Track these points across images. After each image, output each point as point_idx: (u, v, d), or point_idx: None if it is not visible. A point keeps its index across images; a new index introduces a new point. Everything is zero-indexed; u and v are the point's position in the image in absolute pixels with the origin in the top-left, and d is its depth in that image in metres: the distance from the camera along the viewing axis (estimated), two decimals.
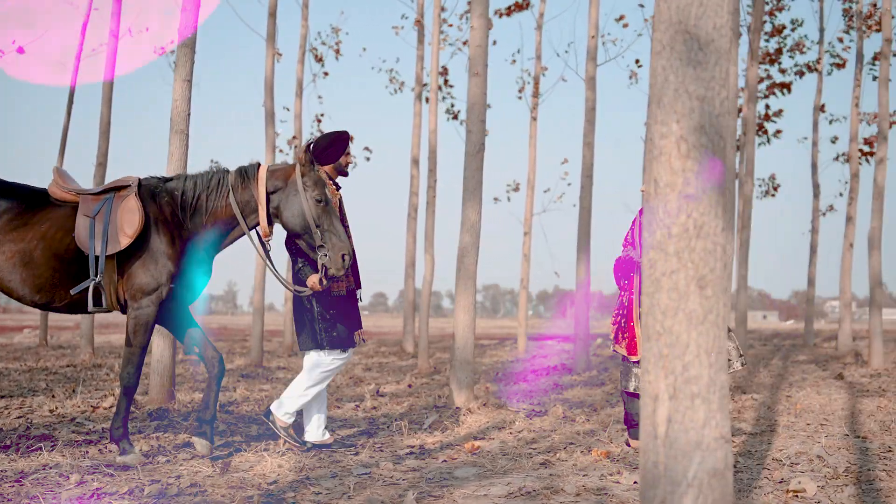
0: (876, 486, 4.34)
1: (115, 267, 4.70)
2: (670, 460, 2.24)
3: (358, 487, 4.19)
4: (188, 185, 4.86)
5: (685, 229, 2.25)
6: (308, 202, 4.80)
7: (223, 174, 4.90)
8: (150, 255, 4.71)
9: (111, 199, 4.74)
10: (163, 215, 4.78)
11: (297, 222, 4.82)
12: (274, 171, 4.91)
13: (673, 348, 2.26)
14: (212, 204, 4.83)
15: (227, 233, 4.91)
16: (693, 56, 2.26)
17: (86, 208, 4.72)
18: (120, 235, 4.64)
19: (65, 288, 4.68)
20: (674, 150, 2.27)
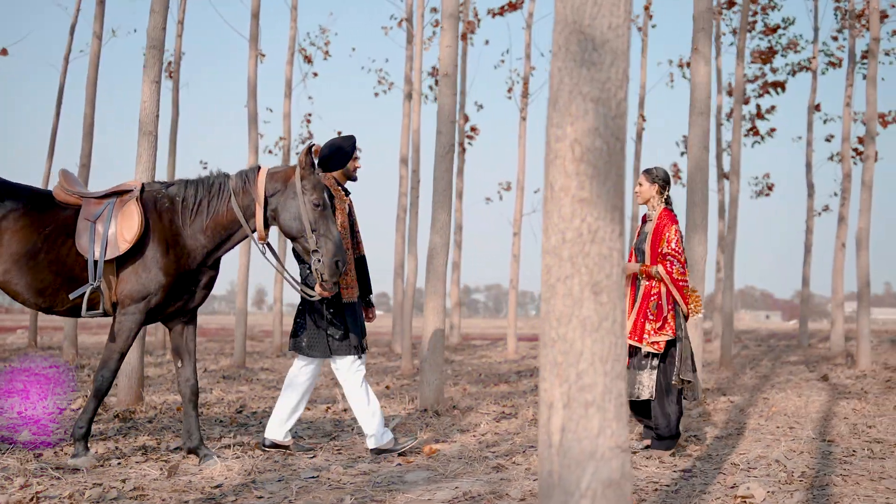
0: (828, 491, 4.28)
1: (114, 271, 4.67)
2: (564, 470, 2.20)
3: (302, 492, 4.16)
4: (189, 191, 4.81)
5: (579, 234, 2.20)
6: (305, 205, 4.74)
7: (224, 178, 4.86)
8: (143, 263, 4.66)
9: (113, 203, 4.71)
10: (161, 222, 4.74)
11: (293, 225, 4.78)
12: (274, 173, 4.86)
13: (567, 356, 2.21)
14: (213, 208, 4.78)
15: (230, 237, 4.85)
16: (587, 57, 2.22)
17: (87, 212, 4.69)
18: (119, 241, 4.60)
19: (66, 292, 4.66)
20: (568, 153, 2.22)
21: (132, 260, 4.67)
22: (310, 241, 4.72)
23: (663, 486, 4.37)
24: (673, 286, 5.40)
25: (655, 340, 5.38)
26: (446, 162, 7.00)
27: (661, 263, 5.42)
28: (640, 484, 4.40)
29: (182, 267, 4.74)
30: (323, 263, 4.71)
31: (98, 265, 4.59)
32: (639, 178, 5.71)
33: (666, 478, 4.58)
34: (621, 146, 2.25)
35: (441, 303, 7.02)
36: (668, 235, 5.44)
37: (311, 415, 7.01)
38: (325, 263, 4.70)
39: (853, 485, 4.43)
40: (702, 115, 7.21)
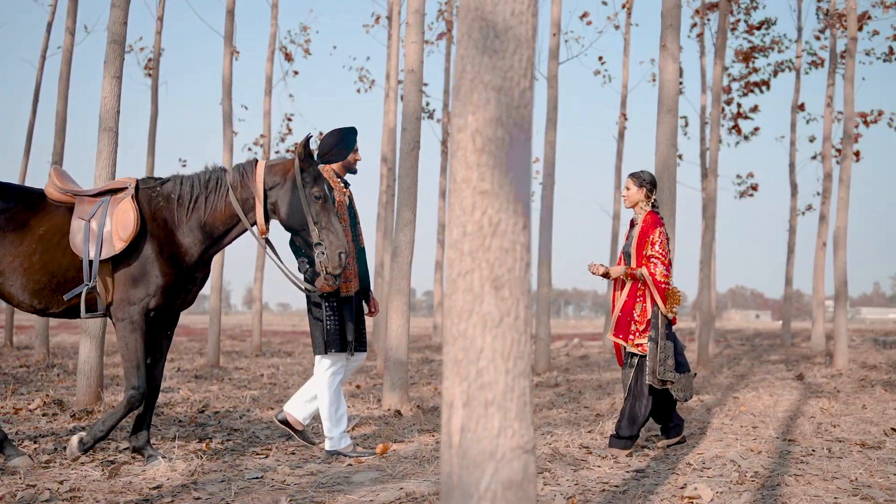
0: (778, 491, 4.22)
1: (109, 271, 4.54)
2: (463, 471, 2.13)
3: (242, 492, 4.08)
4: (185, 187, 4.71)
5: (480, 227, 2.13)
6: (307, 198, 4.67)
7: (221, 173, 4.76)
8: (139, 264, 4.55)
9: (107, 201, 4.59)
10: (156, 220, 4.63)
11: (294, 218, 4.69)
12: (272, 166, 4.78)
13: (467, 353, 2.14)
14: (211, 204, 4.68)
15: (228, 232, 4.76)
16: (489, 44, 2.15)
17: (81, 211, 4.56)
18: (115, 239, 4.48)
19: (61, 293, 4.53)
20: (469, 143, 2.15)
21: (127, 262, 4.54)
22: (312, 233, 4.65)
23: (612, 486, 4.31)
24: (654, 287, 5.40)
25: (640, 342, 5.40)
26: (411, 159, 6.93)
27: (644, 266, 5.44)
28: (589, 485, 4.33)
29: (179, 266, 4.63)
30: (327, 256, 4.63)
31: (93, 265, 4.47)
32: (625, 182, 5.69)
33: (617, 478, 4.51)
34: (526, 136, 2.18)
35: (405, 301, 6.95)
36: (652, 238, 5.44)
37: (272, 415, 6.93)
38: (328, 256, 4.63)
39: (804, 485, 4.38)
40: (669, 112, 7.15)
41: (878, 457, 5.18)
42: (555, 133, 11.30)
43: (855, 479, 4.51)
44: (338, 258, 4.64)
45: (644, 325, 5.39)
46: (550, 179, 11.31)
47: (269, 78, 14.83)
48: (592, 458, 5.04)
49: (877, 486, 4.39)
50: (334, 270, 4.66)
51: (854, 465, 4.88)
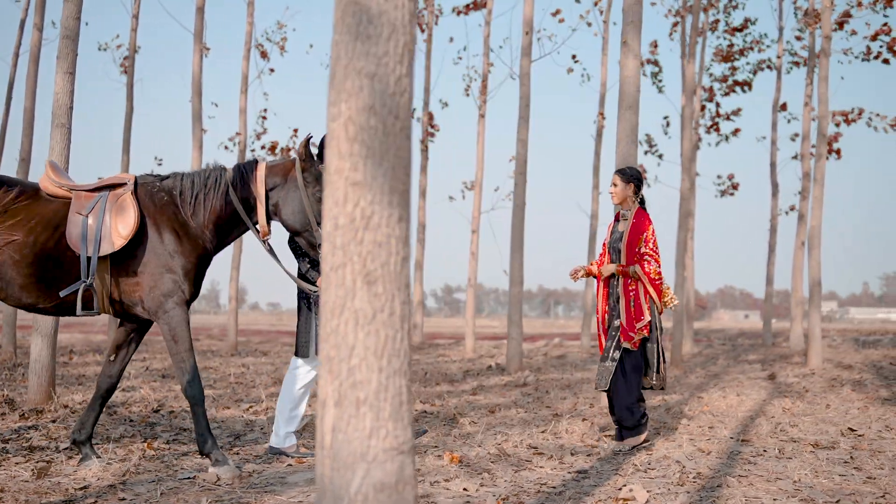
0: (717, 492, 4.16)
1: (107, 268, 4.43)
2: (335, 472, 2.05)
3: (170, 493, 4.00)
4: (186, 184, 4.61)
5: (352, 219, 2.06)
6: (309, 199, 4.59)
7: (220, 171, 4.66)
8: (159, 257, 4.44)
9: (106, 196, 4.48)
10: (164, 214, 4.52)
11: (297, 219, 4.62)
12: (273, 167, 4.69)
13: (339, 350, 2.06)
14: (210, 202, 4.59)
15: (229, 232, 4.68)
16: (363, 29, 2.07)
17: (78, 205, 4.44)
18: (114, 236, 4.37)
19: (54, 289, 4.39)
20: (342, 133, 2.07)
21: (142, 257, 4.43)
22: (315, 234, 4.59)
23: (549, 487, 4.24)
24: (650, 285, 5.41)
25: (636, 339, 5.42)
26: None
27: (638, 263, 5.41)
28: (527, 486, 4.26)
29: (200, 250, 4.55)
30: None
31: (91, 261, 4.35)
32: (612, 179, 5.68)
33: (557, 479, 4.44)
34: (401, 125, 2.10)
35: None
36: (645, 235, 5.44)
37: (229, 413, 6.84)
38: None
39: (746, 486, 4.32)
40: (630, 109, 7.09)
41: (828, 457, 5.12)
42: (527, 131, 11.23)
43: (798, 480, 4.45)
44: None
45: (643, 324, 5.40)
46: (522, 178, 11.24)
47: (245, 76, 14.73)
48: (538, 459, 4.97)
49: (820, 487, 4.34)
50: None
51: (802, 465, 4.83)
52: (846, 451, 5.36)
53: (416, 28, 2.15)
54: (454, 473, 4.49)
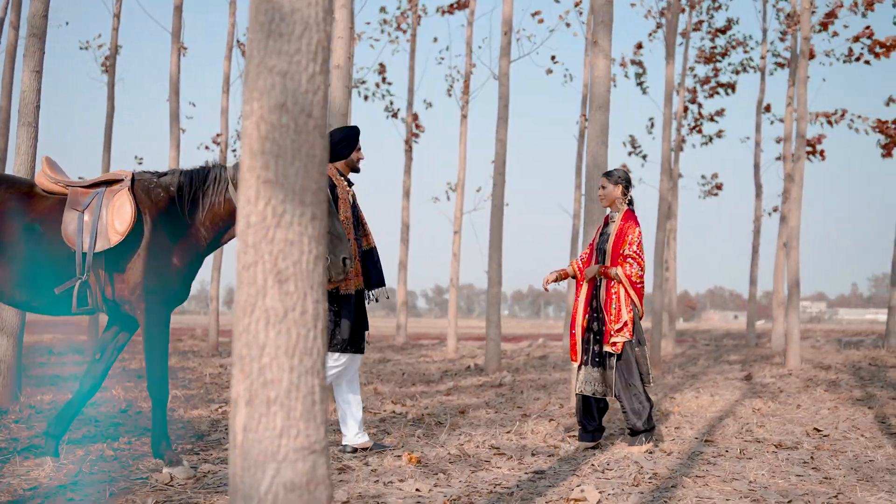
0: (670, 493, 4.16)
1: (103, 265, 4.38)
2: (245, 472, 2.04)
3: (121, 494, 3.98)
4: (184, 180, 4.55)
5: (263, 218, 2.04)
6: None
7: (220, 169, 4.61)
8: (150, 253, 4.38)
9: (102, 192, 4.43)
10: (159, 211, 4.47)
11: None
12: None
13: (250, 349, 2.05)
14: (209, 199, 4.53)
15: (226, 230, 4.62)
16: (275, 27, 2.05)
17: (74, 202, 4.39)
18: (110, 232, 4.32)
19: (48, 286, 4.33)
20: (254, 131, 2.06)
21: (134, 253, 4.38)
22: None
23: (503, 488, 4.23)
24: (631, 288, 5.40)
25: (615, 341, 5.39)
26: None
27: (620, 265, 5.40)
28: (481, 486, 4.25)
29: (192, 249, 4.50)
30: (330, 261, 4.54)
31: (87, 258, 4.30)
32: (600, 182, 5.66)
33: (513, 480, 4.44)
34: (314, 123, 2.09)
35: None
36: (630, 238, 5.42)
37: (197, 413, 6.82)
38: (332, 262, 4.53)
39: (701, 486, 4.32)
40: (600, 109, 7.09)
41: (788, 458, 5.13)
42: (506, 131, 11.23)
43: (754, 481, 4.46)
44: (342, 263, 4.56)
45: (619, 325, 5.38)
46: (501, 178, 11.24)
47: (227, 76, 14.70)
48: (497, 459, 4.96)
49: (774, 487, 4.34)
50: (338, 276, 4.58)
51: (761, 466, 4.83)
52: (808, 452, 5.37)
53: (333, 26, 2.14)
54: (410, 474, 4.48)
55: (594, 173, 7.13)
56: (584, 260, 5.77)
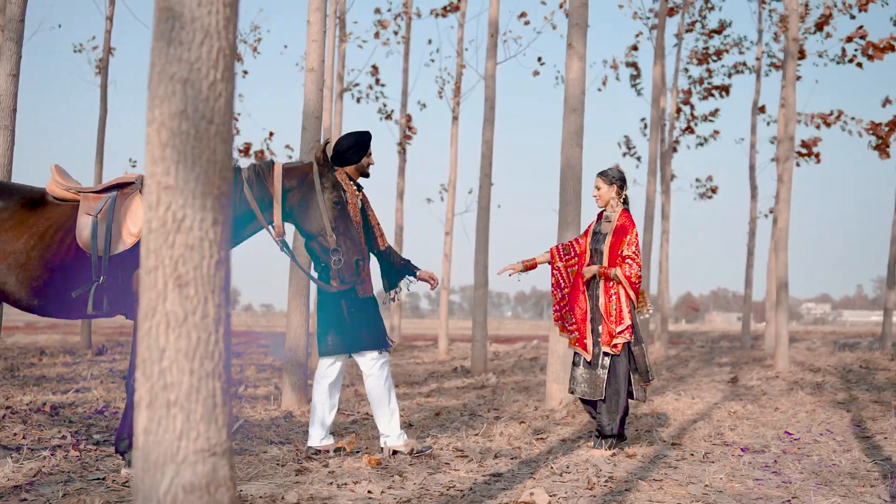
0: (622, 496, 4.17)
1: (118, 268, 4.40)
2: (146, 474, 2.06)
3: (74, 494, 4.01)
4: None
5: (163, 223, 2.07)
6: (325, 203, 4.60)
7: (236, 170, 4.66)
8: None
9: (114, 196, 4.47)
10: None
11: (312, 224, 4.62)
12: (289, 169, 4.69)
13: (151, 352, 2.08)
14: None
15: (240, 231, 4.65)
16: (175, 35, 2.08)
17: (88, 206, 4.43)
18: (125, 234, 4.37)
19: (65, 290, 4.38)
20: (155, 137, 2.09)
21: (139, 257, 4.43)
22: (329, 239, 4.59)
23: (456, 490, 4.25)
24: (630, 289, 5.41)
25: (616, 343, 5.40)
26: (311, 159, 6.86)
27: (619, 266, 5.41)
28: (434, 488, 4.27)
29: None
30: (344, 263, 4.58)
31: (102, 261, 4.34)
32: (595, 182, 5.65)
33: (468, 482, 4.45)
34: (216, 130, 2.11)
35: (304, 302, 6.89)
36: (629, 238, 5.43)
37: None
38: (345, 263, 4.58)
39: (656, 490, 4.33)
40: (574, 111, 7.10)
41: (751, 461, 5.13)
42: (492, 132, 11.25)
43: (710, 485, 4.46)
44: (354, 265, 4.60)
45: (623, 327, 5.40)
46: (487, 180, 11.26)
47: None
48: (458, 462, 4.98)
49: (730, 491, 4.35)
50: (350, 278, 4.63)
51: (721, 469, 4.84)
52: (774, 455, 5.37)
53: (236, 33, 2.16)
54: (366, 476, 4.50)
55: (568, 175, 7.14)
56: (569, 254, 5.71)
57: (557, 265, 5.72)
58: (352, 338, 5.16)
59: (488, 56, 11.28)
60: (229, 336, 2.16)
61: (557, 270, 5.72)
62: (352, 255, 4.58)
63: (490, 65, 11.27)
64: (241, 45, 16.10)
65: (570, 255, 5.72)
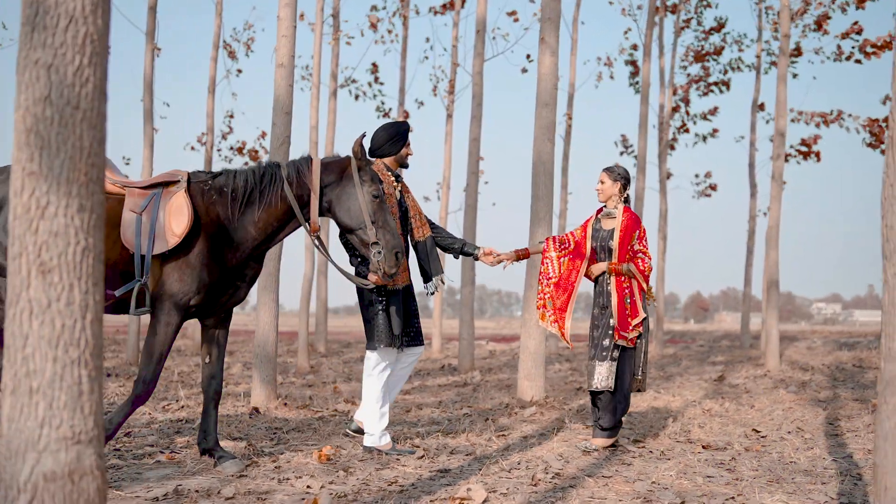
0: (564, 493, 4.14)
1: (159, 266, 4.38)
2: (8, 461, 2.05)
3: None
4: (240, 180, 4.56)
5: (27, 209, 2.06)
6: (365, 197, 4.59)
7: (275, 168, 4.64)
8: (187, 261, 4.38)
9: (159, 194, 4.43)
10: (209, 216, 4.47)
11: (352, 217, 4.61)
12: (328, 164, 4.68)
13: (15, 339, 2.06)
14: (266, 199, 4.55)
15: (281, 228, 4.65)
16: (39, 20, 2.07)
17: (132, 203, 4.39)
18: (168, 234, 4.32)
19: (109, 287, 4.31)
20: (20, 123, 2.07)
21: (176, 257, 4.38)
22: (370, 233, 4.58)
23: (398, 486, 4.22)
24: (644, 282, 5.46)
25: (632, 336, 5.43)
26: (280, 154, 6.85)
27: (632, 261, 5.43)
28: (377, 484, 4.24)
29: (228, 263, 4.50)
30: (384, 256, 4.57)
31: (145, 260, 4.30)
32: (599, 177, 5.67)
33: (413, 478, 4.42)
34: (82, 116, 2.09)
35: (274, 297, 6.88)
36: (638, 232, 5.47)
37: (137, 413, 6.86)
38: (385, 256, 4.57)
39: (601, 487, 4.29)
40: (546, 106, 7.06)
41: (708, 459, 5.09)
42: (479, 129, 11.20)
43: (657, 482, 4.41)
44: (394, 258, 4.59)
45: (639, 320, 5.42)
46: (475, 178, 11.22)
47: (213, 77, 14.78)
48: (409, 458, 4.95)
49: (677, 488, 4.30)
50: (391, 270, 4.61)
51: (674, 467, 4.79)
52: (735, 453, 5.31)
53: (107, 18, 2.14)
54: (311, 471, 4.48)
55: (539, 170, 7.10)
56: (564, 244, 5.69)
57: (550, 255, 5.72)
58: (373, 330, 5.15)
59: (475, 53, 11.24)
60: (99, 323, 2.14)
61: (549, 260, 5.72)
62: (391, 248, 4.58)
63: (477, 62, 11.23)
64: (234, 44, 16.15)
65: (565, 247, 5.71)
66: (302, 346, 11.33)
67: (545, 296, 5.68)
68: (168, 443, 5.37)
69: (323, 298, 15.06)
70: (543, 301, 5.69)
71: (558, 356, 15.70)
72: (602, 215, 5.63)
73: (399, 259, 4.62)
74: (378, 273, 4.68)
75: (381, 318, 5.15)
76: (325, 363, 12.91)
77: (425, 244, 5.40)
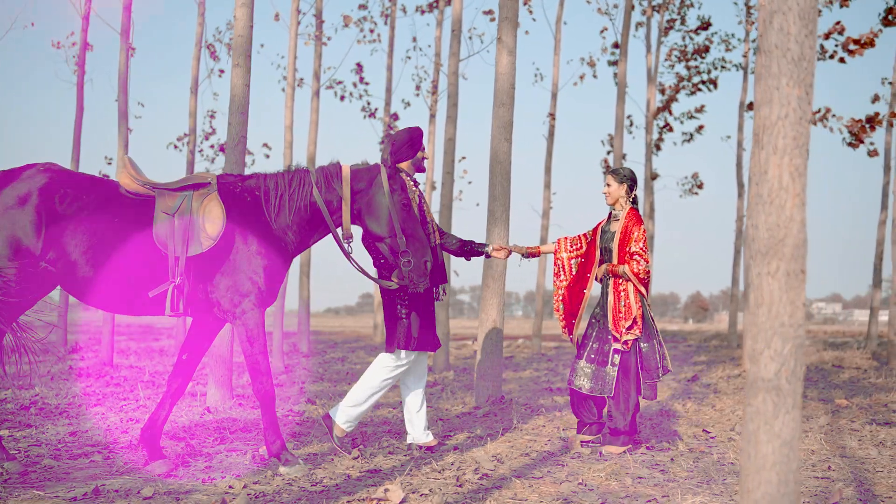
0: (485, 494, 4.13)
1: (194, 269, 4.38)
2: None
3: None
4: (270, 184, 4.59)
5: None
6: (395, 206, 4.61)
7: (304, 173, 4.66)
8: (241, 259, 4.41)
9: (191, 196, 4.44)
10: (248, 216, 4.49)
11: (381, 226, 4.62)
12: (357, 171, 4.70)
13: None
14: (295, 203, 4.57)
15: (311, 233, 4.67)
16: None
17: (164, 205, 4.38)
18: (202, 237, 4.34)
19: (142, 290, 4.33)
20: None
21: (223, 257, 4.39)
22: (399, 242, 4.59)
23: (322, 486, 4.22)
24: (640, 285, 5.43)
25: (627, 339, 5.41)
26: (236, 154, 6.84)
27: (627, 263, 5.44)
28: (300, 484, 4.24)
29: (283, 252, 4.55)
30: (413, 264, 4.59)
31: (179, 262, 4.31)
32: (606, 179, 5.70)
33: (340, 479, 4.42)
34: None
35: None
36: (636, 235, 5.46)
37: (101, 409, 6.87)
38: (414, 264, 4.59)
39: (525, 488, 4.28)
40: (503, 106, 7.04)
41: (646, 460, 5.08)
42: (454, 129, 11.18)
43: (584, 483, 4.40)
44: (423, 266, 4.61)
45: (629, 323, 5.40)
46: (450, 177, 11.20)
47: (196, 77, 14.79)
48: (343, 459, 4.95)
49: (603, 489, 4.30)
50: (419, 279, 4.62)
51: (608, 467, 4.77)
52: (677, 454, 5.29)
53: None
54: (242, 469, 4.48)
55: (496, 170, 7.09)
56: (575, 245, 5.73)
57: (560, 255, 5.77)
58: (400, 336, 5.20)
59: (451, 53, 11.22)
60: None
61: (560, 261, 5.77)
62: (420, 257, 4.59)
63: (453, 62, 11.21)
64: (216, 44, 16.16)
65: (576, 248, 5.74)
66: (276, 347, 11.33)
67: (559, 298, 5.74)
68: (109, 442, 5.38)
69: (305, 298, 15.06)
70: (558, 304, 5.75)
71: (542, 356, 15.68)
72: (611, 217, 5.67)
73: (427, 267, 4.64)
74: (407, 280, 4.66)
75: (402, 321, 5.18)
76: (303, 363, 12.91)
77: (437, 249, 5.42)
